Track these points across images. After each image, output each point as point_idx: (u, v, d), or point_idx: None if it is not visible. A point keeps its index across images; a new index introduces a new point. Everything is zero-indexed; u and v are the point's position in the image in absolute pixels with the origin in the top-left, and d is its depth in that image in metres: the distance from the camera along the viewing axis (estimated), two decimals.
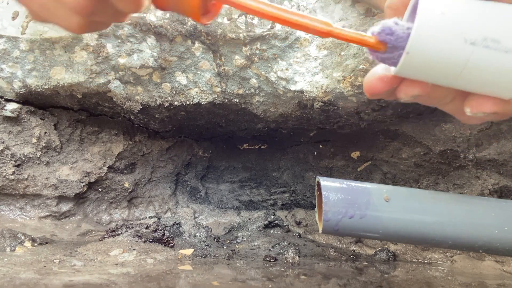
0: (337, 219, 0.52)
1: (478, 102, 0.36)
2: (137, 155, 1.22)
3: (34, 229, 1.06)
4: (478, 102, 0.36)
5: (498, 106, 0.35)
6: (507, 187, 0.93)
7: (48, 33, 0.95)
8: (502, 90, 0.34)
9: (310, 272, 0.83)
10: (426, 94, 0.37)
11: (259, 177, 1.34)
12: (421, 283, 0.78)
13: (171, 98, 1.01)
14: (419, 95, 0.37)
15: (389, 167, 1.11)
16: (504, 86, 0.34)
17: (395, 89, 0.39)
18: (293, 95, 0.95)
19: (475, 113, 0.36)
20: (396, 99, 0.41)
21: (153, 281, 0.69)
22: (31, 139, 1.07)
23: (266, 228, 1.19)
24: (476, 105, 0.36)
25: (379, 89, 0.38)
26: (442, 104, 0.40)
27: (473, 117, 0.40)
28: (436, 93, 0.37)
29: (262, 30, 0.89)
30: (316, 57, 0.90)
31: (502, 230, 0.53)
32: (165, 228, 1.01)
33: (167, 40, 0.92)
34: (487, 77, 0.34)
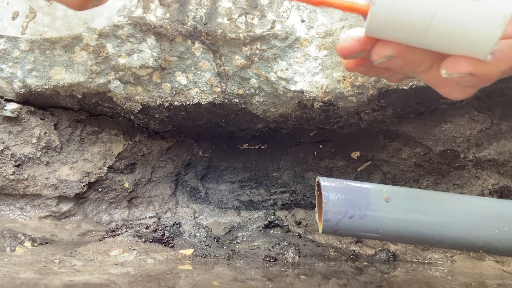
0: (337, 219, 0.52)
1: (453, 62, 0.34)
2: (137, 155, 1.22)
3: (34, 229, 1.06)
4: (453, 62, 0.34)
5: (474, 65, 0.33)
6: (507, 187, 0.93)
7: (48, 33, 0.95)
8: (475, 47, 0.33)
9: (310, 272, 0.83)
10: (400, 55, 0.36)
11: (259, 177, 1.34)
12: (421, 283, 0.78)
13: (171, 98, 1.01)
14: (392, 55, 0.36)
15: (389, 167, 1.11)
16: (477, 42, 0.32)
17: (367, 52, 0.38)
18: (293, 95, 0.95)
19: (450, 73, 0.35)
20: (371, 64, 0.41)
21: (153, 281, 0.69)
22: (31, 139, 1.07)
23: (266, 228, 1.19)
24: (451, 65, 0.35)
25: (351, 49, 0.38)
26: (421, 71, 0.39)
27: (451, 83, 0.39)
28: (411, 55, 0.36)
29: (262, 30, 0.89)
30: (316, 57, 0.90)
31: (502, 230, 0.53)
32: (165, 228, 1.01)
33: (167, 40, 0.92)
34: (456, 31, 0.32)
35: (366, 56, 0.39)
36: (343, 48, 0.38)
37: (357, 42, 0.38)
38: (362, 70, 0.44)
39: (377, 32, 0.35)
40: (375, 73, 0.44)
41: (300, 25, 0.90)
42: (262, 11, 0.90)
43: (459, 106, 0.91)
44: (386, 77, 0.46)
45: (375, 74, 0.45)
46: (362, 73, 0.44)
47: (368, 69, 0.43)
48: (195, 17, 0.90)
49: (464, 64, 0.34)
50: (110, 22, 0.93)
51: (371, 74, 0.45)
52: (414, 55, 0.36)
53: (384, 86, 0.86)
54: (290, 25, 0.90)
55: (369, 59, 0.39)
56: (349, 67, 0.43)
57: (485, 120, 0.90)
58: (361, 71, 0.44)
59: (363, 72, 0.44)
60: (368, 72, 0.44)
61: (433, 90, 0.43)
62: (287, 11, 0.90)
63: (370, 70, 0.43)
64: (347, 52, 0.38)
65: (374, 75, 0.45)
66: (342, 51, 0.39)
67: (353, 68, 0.43)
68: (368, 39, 0.37)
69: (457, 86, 0.40)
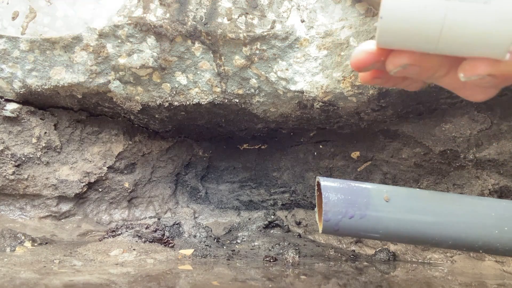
0: (337, 219, 0.52)
1: (470, 65, 0.34)
2: (137, 155, 1.22)
3: (34, 229, 1.06)
4: (471, 65, 0.34)
5: (492, 66, 0.33)
6: (507, 187, 0.93)
7: (48, 33, 0.95)
8: (491, 48, 0.32)
9: (310, 272, 0.83)
10: (415, 63, 0.35)
11: (259, 177, 1.34)
12: (421, 283, 0.78)
13: (171, 98, 1.01)
14: (407, 63, 0.35)
15: (389, 167, 1.11)
16: (491, 43, 0.32)
17: (382, 63, 0.37)
18: (293, 95, 0.95)
19: (469, 77, 0.34)
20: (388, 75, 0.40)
21: (153, 281, 0.69)
22: (31, 139, 1.07)
23: (266, 228, 1.19)
24: (469, 69, 0.34)
25: (365, 62, 0.38)
26: (438, 77, 0.38)
27: (472, 86, 0.38)
28: (426, 62, 0.36)
29: (262, 30, 0.89)
30: (316, 57, 0.90)
31: (502, 230, 0.53)
32: (165, 228, 1.01)
33: (167, 40, 0.92)
34: (469, 34, 0.32)
35: (381, 68, 0.38)
36: (357, 61, 0.38)
37: (370, 55, 0.37)
38: (379, 82, 0.43)
39: (389, 43, 0.35)
40: (392, 83, 0.43)
41: (300, 25, 0.90)
42: (262, 11, 0.90)
43: (459, 106, 0.91)
44: (405, 86, 0.44)
45: (393, 84, 0.44)
46: (380, 84, 0.43)
47: (385, 80, 0.42)
48: (195, 17, 0.90)
49: (482, 66, 0.33)
50: (110, 22, 0.93)
51: (388, 85, 0.44)
52: (430, 61, 0.36)
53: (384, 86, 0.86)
54: (290, 25, 0.90)
55: (385, 70, 0.39)
56: (366, 80, 0.42)
57: (485, 120, 0.90)
58: (378, 82, 0.43)
59: (381, 84, 0.43)
60: (385, 83, 0.43)
61: (433, 90, 0.43)
62: (287, 11, 0.90)
63: (387, 81, 0.42)
64: (361, 65, 0.38)
65: (391, 85, 0.44)
66: (357, 65, 0.38)
67: (370, 81, 0.42)
68: (381, 50, 0.37)
69: (478, 88, 0.39)
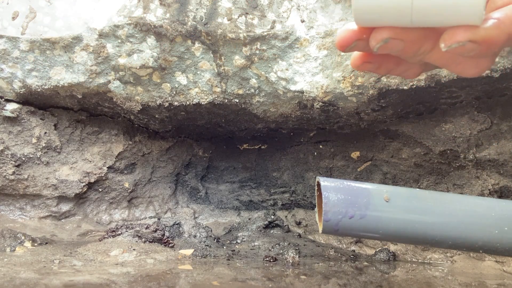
0: (337, 219, 0.52)
1: (449, 34, 0.34)
2: (137, 155, 1.22)
3: (34, 229, 1.06)
4: (449, 33, 0.34)
5: (471, 32, 0.33)
6: (507, 187, 0.93)
7: (48, 33, 0.95)
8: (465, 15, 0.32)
9: (310, 272, 0.83)
10: (396, 36, 0.36)
11: (259, 177, 1.34)
12: (421, 283, 0.78)
13: (171, 98, 1.01)
14: (388, 37, 0.36)
15: (389, 167, 1.11)
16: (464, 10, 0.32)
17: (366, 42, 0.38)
18: (293, 95, 0.95)
19: (449, 45, 0.34)
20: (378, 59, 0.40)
21: (153, 280, 0.69)
22: (31, 139, 1.07)
23: (266, 228, 1.19)
24: (448, 37, 0.34)
25: (347, 39, 0.38)
26: (425, 52, 0.38)
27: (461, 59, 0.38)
28: (407, 35, 0.36)
29: (262, 30, 0.89)
30: (316, 57, 0.90)
31: (502, 230, 0.53)
32: (165, 228, 1.01)
33: (167, 40, 0.92)
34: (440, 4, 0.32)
35: (366, 48, 0.39)
36: (340, 39, 0.39)
37: (351, 32, 0.38)
38: (371, 67, 0.42)
39: (365, 20, 0.36)
40: (385, 69, 0.43)
41: (300, 25, 0.90)
42: (262, 11, 0.90)
43: (459, 106, 0.91)
44: (400, 73, 0.44)
45: (386, 70, 0.43)
46: (372, 70, 0.43)
47: (377, 65, 0.42)
48: (195, 17, 0.90)
49: (460, 33, 0.33)
50: (110, 22, 0.93)
51: (381, 71, 0.43)
52: (411, 34, 0.36)
53: (384, 86, 0.86)
54: (290, 25, 0.90)
55: (376, 55, 0.39)
56: (356, 64, 0.42)
57: (485, 120, 0.90)
58: (370, 68, 0.43)
59: (373, 70, 0.43)
60: (378, 69, 0.43)
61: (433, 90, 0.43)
62: (287, 11, 0.90)
63: (379, 66, 0.42)
64: (344, 43, 0.38)
65: (384, 72, 0.43)
66: (340, 43, 0.39)
67: (360, 65, 0.42)
68: (362, 29, 0.37)
69: (467, 61, 0.38)
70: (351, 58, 0.43)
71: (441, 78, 0.81)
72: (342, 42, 0.39)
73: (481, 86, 0.83)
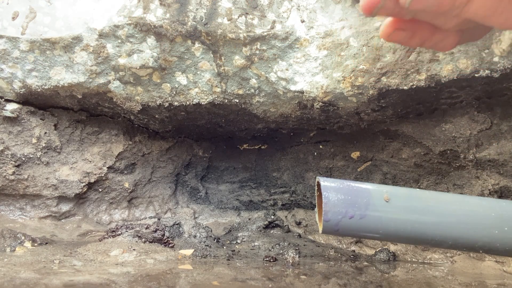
0: (337, 220, 0.52)
1: None
2: (137, 155, 1.22)
3: (34, 229, 1.06)
4: None
5: None
6: (507, 187, 0.93)
7: (48, 33, 0.95)
8: None
9: (310, 272, 0.83)
10: None
11: (259, 177, 1.34)
12: (421, 283, 0.78)
13: (171, 99, 1.01)
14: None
15: (389, 167, 1.11)
16: None
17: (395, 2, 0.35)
18: (293, 95, 0.95)
19: None
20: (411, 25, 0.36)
21: (153, 280, 0.69)
22: (31, 139, 1.07)
23: (266, 229, 1.19)
24: None
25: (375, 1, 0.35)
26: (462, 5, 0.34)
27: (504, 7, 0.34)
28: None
29: (262, 30, 0.89)
30: (316, 57, 0.90)
31: (502, 230, 0.53)
32: (165, 228, 1.01)
33: (167, 40, 0.92)
34: None
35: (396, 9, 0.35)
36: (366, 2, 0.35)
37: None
38: (403, 36, 0.39)
39: None
40: (419, 39, 0.39)
41: (300, 25, 0.90)
42: (262, 11, 0.91)
43: (459, 106, 0.91)
44: (434, 43, 0.40)
45: (420, 40, 0.39)
46: (404, 41, 0.39)
47: (410, 34, 0.38)
48: (195, 17, 0.90)
49: None
50: (110, 22, 0.93)
51: (415, 42, 0.39)
52: None
53: (384, 86, 0.86)
54: (290, 25, 0.90)
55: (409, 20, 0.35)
56: (388, 32, 0.39)
57: (485, 120, 0.90)
58: (403, 37, 0.39)
59: (405, 40, 0.39)
60: (411, 39, 0.39)
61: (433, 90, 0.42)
62: (287, 11, 0.91)
63: (413, 35, 0.39)
64: (372, 3, 0.35)
65: (418, 42, 0.39)
66: (367, 3, 0.35)
67: (392, 33, 0.38)
68: None
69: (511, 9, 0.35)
70: (382, 26, 0.39)
71: (441, 78, 0.81)
72: (369, 3, 0.35)
73: (481, 86, 0.83)
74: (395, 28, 0.38)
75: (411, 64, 0.82)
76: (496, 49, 0.76)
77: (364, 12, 0.36)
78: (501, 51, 0.75)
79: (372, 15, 0.37)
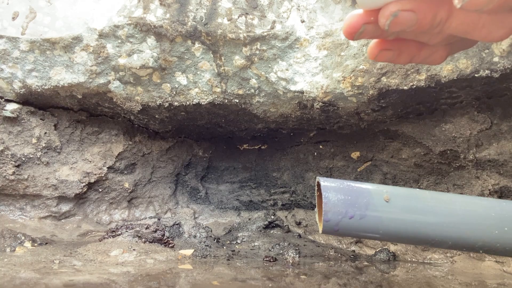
0: (337, 220, 0.52)
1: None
2: (137, 155, 1.22)
3: (34, 230, 1.06)
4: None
5: None
6: (507, 187, 0.93)
7: (48, 33, 0.95)
8: None
9: (310, 271, 0.83)
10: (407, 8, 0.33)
11: (259, 178, 1.34)
12: (421, 282, 0.78)
13: (171, 99, 1.01)
14: (398, 10, 0.33)
15: (389, 167, 1.11)
16: None
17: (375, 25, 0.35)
18: (293, 95, 0.95)
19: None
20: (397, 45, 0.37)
21: (153, 280, 0.69)
22: (31, 140, 1.07)
23: (266, 229, 1.19)
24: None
25: (354, 24, 0.36)
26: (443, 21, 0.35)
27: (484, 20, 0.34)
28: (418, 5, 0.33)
29: (262, 30, 0.89)
30: (316, 57, 0.90)
31: (502, 230, 0.53)
32: (165, 228, 1.01)
33: (167, 41, 0.92)
34: None
35: (377, 33, 0.36)
36: (347, 26, 0.36)
37: (358, 16, 0.36)
38: (390, 56, 0.39)
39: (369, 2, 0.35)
40: (407, 56, 0.39)
41: (300, 26, 0.90)
42: (262, 12, 0.91)
43: (459, 106, 0.91)
44: (423, 59, 0.40)
45: (408, 57, 0.40)
46: (392, 60, 0.40)
47: (397, 52, 0.39)
48: (195, 17, 0.90)
49: None
50: (110, 22, 0.93)
51: (403, 59, 0.40)
52: (422, 3, 0.34)
53: (384, 87, 0.86)
54: (290, 25, 0.90)
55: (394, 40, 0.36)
56: (374, 53, 0.39)
57: (485, 121, 0.90)
58: (389, 56, 0.39)
59: (393, 59, 0.39)
60: (398, 57, 0.39)
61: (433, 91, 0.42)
62: (287, 11, 0.91)
63: (400, 53, 0.39)
64: (351, 29, 0.36)
65: (407, 59, 0.40)
66: (347, 30, 0.36)
67: (378, 54, 0.39)
68: (368, 11, 0.36)
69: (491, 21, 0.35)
70: (368, 48, 0.40)
71: (441, 78, 0.81)
72: (349, 29, 0.36)
73: (481, 87, 0.83)
74: (381, 48, 0.39)
75: (411, 64, 0.82)
76: (496, 49, 0.76)
77: (346, 37, 0.37)
78: (501, 51, 0.75)
79: (354, 39, 0.37)
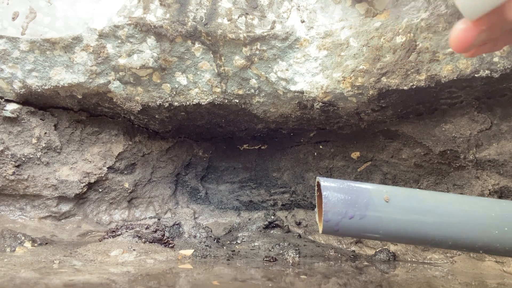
0: (337, 220, 0.52)
1: None
2: (137, 155, 1.22)
3: (34, 230, 1.06)
4: None
5: None
6: (507, 187, 0.93)
7: (48, 33, 0.95)
8: None
9: (310, 271, 0.83)
10: None
11: (259, 178, 1.34)
12: (421, 282, 0.78)
13: (171, 99, 1.01)
14: None
15: (389, 167, 1.11)
16: None
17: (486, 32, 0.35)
18: (293, 95, 0.95)
19: None
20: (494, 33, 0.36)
21: (153, 280, 0.69)
22: (31, 140, 1.07)
23: (266, 229, 1.19)
24: None
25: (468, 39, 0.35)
26: None
27: None
28: None
29: (262, 30, 0.89)
30: (316, 57, 0.90)
31: (502, 230, 0.53)
32: (165, 228, 1.01)
33: (167, 41, 0.92)
34: None
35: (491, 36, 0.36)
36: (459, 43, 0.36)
37: (469, 30, 0.35)
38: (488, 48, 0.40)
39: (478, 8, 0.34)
40: (503, 43, 0.40)
41: (300, 26, 0.90)
42: (262, 12, 0.91)
43: (459, 107, 0.91)
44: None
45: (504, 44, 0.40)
46: (488, 51, 0.40)
47: (494, 42, 0.39)
48: (195, 17, 0.90)
49: None
50: (110, 22, 0.93)
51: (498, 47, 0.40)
52: None
53: (384, 87, 0.86)
54: (290, 25, 0.90)
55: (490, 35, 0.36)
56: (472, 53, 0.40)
57: (485, 121, 0.90)
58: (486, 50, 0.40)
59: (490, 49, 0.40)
60: (495, 46, 0.40)
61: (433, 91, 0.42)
62: (287, 12, 0.91)
63: (497, 42, 0.39)
64: (465, 44, 0.36)
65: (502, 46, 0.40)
66: (459, 46, 0.36)
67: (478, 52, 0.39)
68: (477, 22, 0.35)
69: None
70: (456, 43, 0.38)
71: (441, 78, 0.81)
72: (462, 45, 0.36)
73: (481, 87, 0.83)
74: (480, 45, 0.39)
75: (411, 64, 0.82)
76: None
77: (458, 52, 0.36)
78: (501, 51, 0.76)
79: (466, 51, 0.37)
